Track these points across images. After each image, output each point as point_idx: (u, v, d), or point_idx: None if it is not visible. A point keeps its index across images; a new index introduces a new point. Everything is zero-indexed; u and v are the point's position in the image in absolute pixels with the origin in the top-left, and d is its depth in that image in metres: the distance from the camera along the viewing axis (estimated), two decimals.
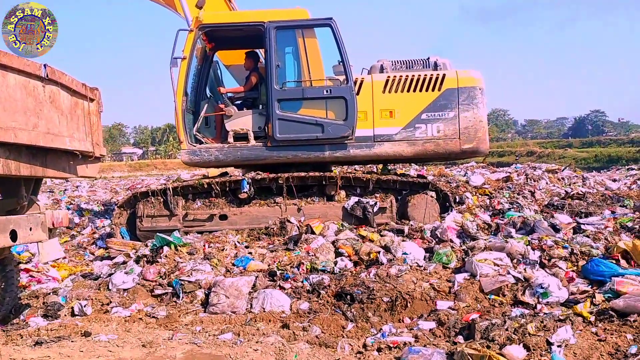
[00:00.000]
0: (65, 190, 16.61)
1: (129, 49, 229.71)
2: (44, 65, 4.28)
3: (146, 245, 6.81)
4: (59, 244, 5.26)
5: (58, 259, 6.58)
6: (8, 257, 5.07)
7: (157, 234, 6.76)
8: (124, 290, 5.75)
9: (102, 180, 24.05)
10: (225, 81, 9.41)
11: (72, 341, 4.51)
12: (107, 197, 14.87)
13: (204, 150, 7.98)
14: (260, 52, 8.99)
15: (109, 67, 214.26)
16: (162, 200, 7.78)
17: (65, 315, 5.32)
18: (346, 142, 7.88)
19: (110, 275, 6.21)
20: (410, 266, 5.78)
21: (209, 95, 8.91)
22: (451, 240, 6.63)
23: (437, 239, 6.73)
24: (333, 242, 6.66)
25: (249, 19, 8.15)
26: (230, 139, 8.01)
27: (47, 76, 4.30)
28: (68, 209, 11.41)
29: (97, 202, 12.95)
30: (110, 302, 5.51)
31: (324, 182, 7.88)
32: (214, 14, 8.15)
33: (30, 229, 4.44)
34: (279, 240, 7.08)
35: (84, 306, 5.37)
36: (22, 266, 6.84)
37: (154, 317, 5.23)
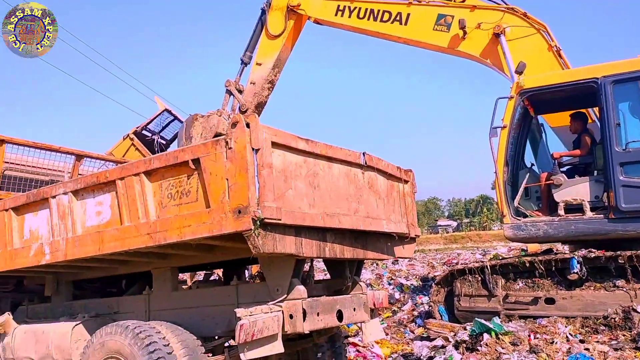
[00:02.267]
0: (387, 265, 17.68)
1: (438, 125, 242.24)
2: (363, 153, 4.57)
3: (465, 329, 6.43)
4: (380, 325, 5.34)
5: (379, 339, 6.76)
6: (337, 334, 5.41)
7: (476, 318, 6.32)
8: None
9: (420, 254, 24.93)
10: (550, 146, 8.59)
11: None
12: (424, 272, 15.17)
13: (530, 224, 7.25)
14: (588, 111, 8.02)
15: (418, 145, 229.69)
16: (480, 278, 7.36)
17: None
18: None
19: (430, 358, 6.03)
20: None
21: (529, 164, 8.27)
22: None
23: None
24: None
25: (576, 77, 7.25)
26: (561, 211, 7.10)
27: (366, 163, 4.57)
28: (389, 284, 11.99)
29: (416, 277, 13.28)
30: None
31: None
32: (535, 77, 7.56)
33: (354, 309, 4.63)
34: (624, 335, 5.77)
35: None
36: (350, 339, 7.31)
37: None
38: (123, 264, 4.76)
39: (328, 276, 5.40)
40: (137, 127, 10.10)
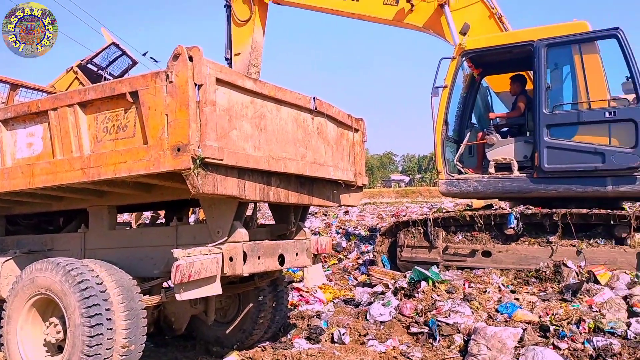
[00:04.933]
0: (338, 215, 17.88)
1: (396, 79, 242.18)
2: (314, 98, 4.46)
3: (405, 277, 6.63)
4: (322, 270, 5.40)
5: (321, 284, 6.88)
6: (279, 278, 5.44)
7: (415, 267, 6.52)
8: (381, 322, 5.63)
9: (372, 206, 25.31)
10: (496, 108, 8.87)
11: None
12: (373, 223, 15.46)
13: (462, 181, 7.53)
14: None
15: (377, 97, 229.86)
16: (422, 230, 7.56)
17: (325, 340, 5.43)
18: (635, 173, 6.49)
19: (369, 304, 6.20)
20: None
21: (474, 123, 8.46)
22: None
23: None
24: (625, 298, 5.38)
25: (514, 39, 7.47)
26: (492, 169, 7.38)
27: (316, 108, 4.48)
28: (337, 233, 12.17)
29: (364, 227, 13.53)
30: (367, 333, 5.43)
31: (612, 222, 6.54)
32: (477, 38, 7.71)
33: (297, 254, 4.65)
34: (552, 287, 6.08)
35: (343, 334, 5.41)
36: (294, 284, 7.41)
37: (408, 357, 4.93)
38: (57, 200, 4.57)
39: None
40: (81, 60, 9.55)
